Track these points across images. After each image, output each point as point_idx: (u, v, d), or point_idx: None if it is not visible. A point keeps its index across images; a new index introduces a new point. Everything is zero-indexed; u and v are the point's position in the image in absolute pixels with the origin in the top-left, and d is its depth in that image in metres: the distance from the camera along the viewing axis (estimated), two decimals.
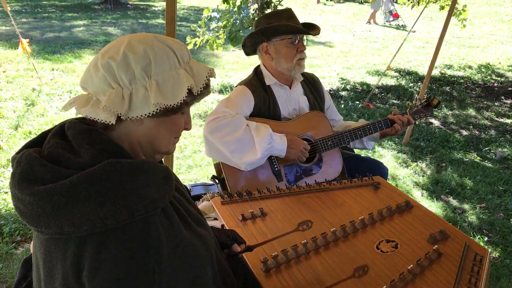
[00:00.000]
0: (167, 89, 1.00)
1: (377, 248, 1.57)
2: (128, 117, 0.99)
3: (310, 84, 2.54)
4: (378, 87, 7.01)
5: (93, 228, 0.89)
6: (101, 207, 0.89)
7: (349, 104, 6.21)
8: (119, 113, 0.98)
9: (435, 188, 3.97)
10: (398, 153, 4.67)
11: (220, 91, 6.42)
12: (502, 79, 8.13)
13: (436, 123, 5.74)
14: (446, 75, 8.19)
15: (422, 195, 3.85)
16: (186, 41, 5.12)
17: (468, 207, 3.67)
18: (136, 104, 0.99)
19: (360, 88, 7.08)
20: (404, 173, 4.25)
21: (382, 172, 2.52)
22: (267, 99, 2.35)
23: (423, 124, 5.62)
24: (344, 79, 7.54)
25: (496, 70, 8.73)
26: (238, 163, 2.16)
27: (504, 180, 4.15)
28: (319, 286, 1.38)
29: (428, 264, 1.47)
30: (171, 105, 1.00)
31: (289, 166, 2.33)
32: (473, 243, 1.61)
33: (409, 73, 8.13)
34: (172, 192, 1.03)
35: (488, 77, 8.20)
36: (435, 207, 3.63)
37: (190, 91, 1.03)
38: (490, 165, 4.52)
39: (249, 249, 1.45)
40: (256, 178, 2.26)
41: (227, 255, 1.43)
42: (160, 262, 0.94)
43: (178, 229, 1.02)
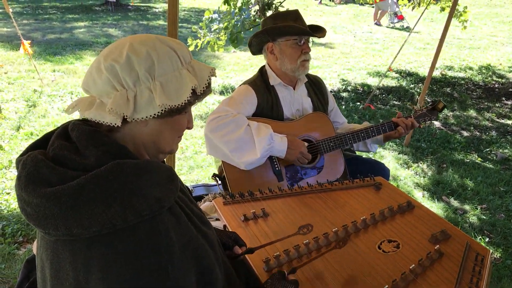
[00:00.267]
0: (171, 90, 1.01)
1: (379, 248, 1.58)
2: (134, 119, 1.00)
3: (314, 86, 2.55)
4: (379, 88, 7.01)
5: (102, 229, 0.90)
6: (109, 208, 0.89)
7: (350, 105, 6.21)
8: (125, 115, 0.98)
9: (436, 189, 3.98)
10: (399, 154, 4.67)
11: (221, 92, 6.43)
12: (503, 80, 8.14)
13: (437, 124, 5.75)
14: (447, 76, 8.19)
15: (423, 196, 3.85)
16: (188, 43, 5.13)
17: (469, 208, 3.67)
18: (141, 106, 1.00)
19: (361, 89, 7.09)
20: (405, 174, 4.25)
21: (384, 173, 2.53)
22: (271, 99, 2.36)
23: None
24: (345, 80, 7.55)
25: (497, 71, 8.73)
26: (238, 162, 2.17)
27: (505, 181, 4.16)
28: (320, 285, 1.39)
29: (430, 264, 1.48)
30: (176, 106, 1.01)
31: (290, 167, 2.34)
32: (475, 243, 1.62)
33: (410, 74, 8.14)
34: (177, 191, 1.03)
35: (489, 78, 8.20)
36: (436, 208, 3.63)
37: (194, 91, 1.04)
38: (491, 166, 4.53)
39: (250, 251, 1.46)
40: (257, 177, 2.27)
41: (228, 257, 1.44)
42: (172, 259, 0.95)
43: (186, 227, 1.03)
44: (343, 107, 6.12)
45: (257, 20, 5.01)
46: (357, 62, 8.93)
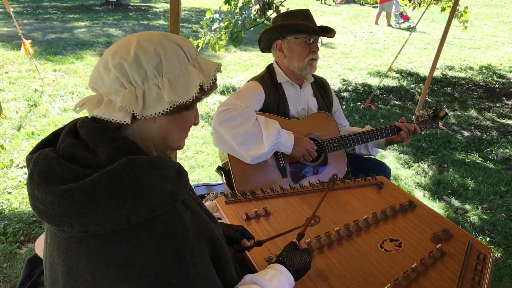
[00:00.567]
0: (179, 86, 1.02)
1: (381, 247, 1.58)
2: (143, 116, 1.01)
3: (320, 87, 2.57)
4: (380, 88, 7.02)
5: (117, 225, 0.90)
6: (123, 204, 0.90)
7: (351, 105, 6.22)
8: (134, 112, 0.99)
9: (437, 189, 3.98)
10: (400, 154, 4.68)
11: (222, 92, 6.43)
12: (504, 80, 8.14)
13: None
14: (448, 76, 8.20)
15: (424, 196, 3.85)
16: None
17: (470, 208, 3.68)
18: (150, 103, 1.00)
19: (362, 89, 7.09)
20: (406, 174, 4.26)
21: (385, 173, 2.53)
22: (277, 97, 2.37)
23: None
24: (346, 80, 7.55)
25: (498, 71, 8.73)
26: (244, 155, 2.17)
27: (506, 181, 4.16)
28: (323, 284, 1.39)
29: (432, 263, 1.48)
30: (184, 102, 1.02)
31: (294, 164, 2.34)
32: (477, 242, 1.62)
33: (411, 74, 8.14)
34: (188, 186, 1.05)
35: (490, 78, 8.21)
36: (437, 208, 3.63)
37: (201, 87, 1.05)
38: (492, 166, 4.53)
39: (259, 244, 1.46)
40: (262, 172, 2.28)
41: (236, 250, 1.45)
42: (190, 248, 0.96)
43: (200, 218, 1.05)
44: (344, 107, 6.12)
45: (258, 20, 5.02)
46: (358, 62, 8.94)
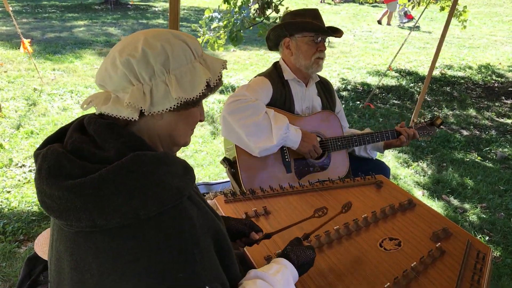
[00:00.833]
0: (186, 83, 1.03)
1: (380, 246, 1.59)
2: (150, 112, 1.02)
3: (324, 87, 2.59)
4: (379, 87, 7.02)
5: (125, 220, 0.91)
6: (132, 199, 0.91)
7: (350, 104, 6.22)
8: (142, 109, 1.00)
9: (436, 188, 3.98)
10: (399, 153, 4.68)
11: (221, 91, 6.43)
12: (502, 80, 8.15)
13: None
14: (447, 76, 8.20)
15: (423, 195, 3.86)
16: None
17: (469, 207, 3.68)
18: (158, 100, 1.01)
19: (361, 88, 7.10)
20: (405, 173, 4.26)
21: (385, 172, 2.54)
22: (284, 93, 2.39)
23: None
24: (345, 80, 7.55)
25: (496, 71, 8.74)
26: (253, 147, 2.17)
27: (505, 180, 4.16)
28: (323, 283, 1.39)
29: (431, 262, 1.49)
30: (191, 98, 1.03)
31: (299, 160, 2.36)
32: (476, 241, 1.62)
33: (410, 74, 8.14)
34: (194, 182, 1.06)
35: (489, 78, 8.21)
36: (436, 207, 3.63)
37: (207, 84, 1.06)
38: (491, 165, 4.53)
39: (267, 237, 1.47)
40: (267, 166, 2.30)
41: (245, 243, 1.46)
42: (198, 243, 0.97)
43: (207, 214, 1.06)
44: (343, 106, 6.12)
45: (257, 19, 5.01)
46: (357, 61, 8.94)
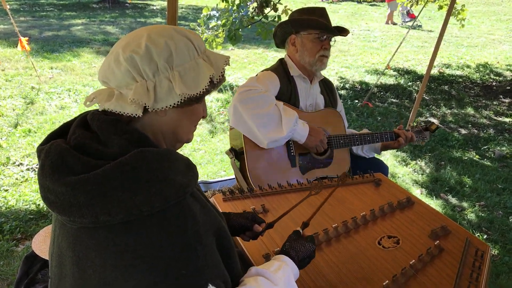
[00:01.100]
0: (189, 79, 1.03)
1: (379, 244, 1.58)
2: (154, 109, 1.01)
3: (327, 86, 2.62)
4: (377, 86, 7.02)
5: (129, 216, 0.90)
6: (135, 195, 0.90)
7: (348, 103, 6.22)
8: (146, 105, 1.00)
9: (434, 186, 3.99)
10: (397, 152, 4.68)
11: (220, 90, 6.42)
12: (500, 78, 8.16)
13: (435, 122, 5.76)
14: (445, 74, 8.21)
15: (422, 193, 3.86)
16: None
17: (467, 205, 3.68)
18: (161, 96, 1.01)
19: (359, 87, 7.10)
20: (404, 171, 4.26)
21: (383, 170, 2.55)
22: (290, 89, 2.40)
23: (423, 124, 5.63)
24: (343, 78, 7.56)
25: (494, 69, 8.75)
26: (262, 138, 2.17)
27: (503, 178, 4.17)
28: (321, 281, 1.39)
29: (430, 260, 1.49)
30: (195, 94, 1.03)
31: (303, 155, 2.37)
32: (474, 239, 1.62)
33: (408, 72, 8.15)
34: (197, 179, 1.06)
35: (487, 76, 8.22)
36: (434, 205, 3.64)
37: (211, 80, 1.06)
38: (489, 164, 4.54)
39: (270, 226, 1.46)
40: (273, 159, 2.30)
41: (250, 237, 1.45)
42: (201, 239, 0.97)
43: (209, 211, 1.06)
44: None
45: (255, 18, 5.00)
46: (355, 60, 8.94)
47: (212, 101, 5.82)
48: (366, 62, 8.82)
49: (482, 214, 3.54)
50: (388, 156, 4.55)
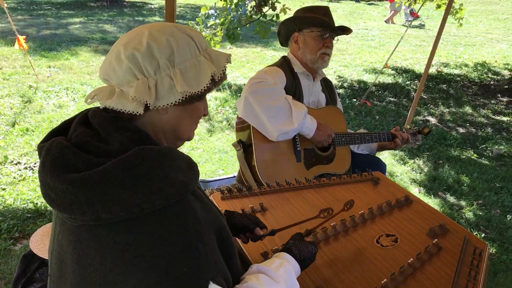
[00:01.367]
0: (191, 77, 1.02)
1: (377, 242, 1.58)
2: (155, 107, 1.01)
3: (328, 85, 2.64)
4: (375, 85, 7.03)
5: (130, 214, 0.90)
6: (136, 193, 0.90)
7: (346, 102, 6.22)
8: (148, 103, 0.99)
9: (432, 185, 3.99)
10: (395, 150, 4.69)
11: (218, 89, 6.42)
12: (498, 77, 8.17)
13: (433, 121, 5.77)
14: (443, 73, 8.22)
15: (420, 192, 3.86)
16: None
17: (465, 204, 3.69)
18: (163, 94, 1.01)
19: (357, 86, 7.10)
20: (402, 170, 4.27)
21: (381, 168, 2.57)
22: (294, 85, 2.41)
23: (420, 122, 5.65)
24: (341, 77, 7.56)
25: (492, 68, 8.77)
26: (272, 130, 2.17)
27: (501, 177, 4.18)
28: (319, 280, 1.39)
29: (428, 258, 1.48)
30: (196, 92, 1.02)
31: (308, 151, 2.39)
32: (472, 237, 1.62)
33: (406, 71, 8.15)
34: (198, 177, 1.05)
35: (484, 75, 8.23)
36: (432, 204, 3.64)
37: (212, 77, 1.05)
38: (487, 163, 4.55)
39: (272, 233, 1.46)
40: (280, 152, 2.32)
41: (249, 238, 1.45)
42: (202, 237, 0.97)
43: (210, 209, 1.05)
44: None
45: (254, 17, 5.00)
46: (353, 59, 8.94)
47: (211, 100, 5.81)
48: (364, 61, 8.82)
49: (480, 213, 3.55)
50: (386, 155, 4.55)
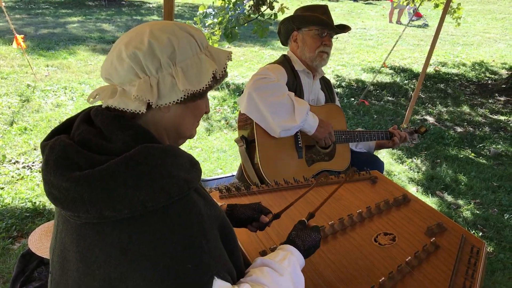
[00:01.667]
0: (192, 75, 1.03)
1: (375, 241, 1.59)
2: (157, 105, 1.01)
3: (326, 84, 2.65)
4: (373, 84, 7.03)
5: (133, 212, 0.91)
6: (139, 191, 0.90)
7: (344, 101, 6.23)
8: (150, 102, 0.99)
9: (430, 184, 4.00)
10: (393, 149, 4.70)
11: (216, 88, 6.42)
12: (496, 77, 8.19)
13: (431, 120, 5.78)
14: (441, 73, 8.23)
15: (417, 191, 3.87)
16: None
17: (463, 203, 3.70)
18: (164, 92, 1.01)
19: (355, 85, 7.11)
20: (399, 169, 4.28)
21: (379, 166, 2.57)
22: (295, 83, 2.42)
23: (418, 121, 5.66)
24: (339, 76, 7.57)
25: (490, 68, 8.79)
26: (275, 126, 2.18)
27: (498, 176, 4.19)
28: (318, 278, 1.40)
29: (426, 257, 1.49)
30: (198, 90, 1.03)
31: (309, 148, 2.40)
32: (470, 236, 1.63)
33: (404, 70, 8.16)
34: (201, 175, 1.06)
35: (482, 75, 8.25)
36: (430, 203, 3.65)
37: (214, 75, 1.06)
38: (484, 162, 4.56)
39: (277, 217, 1.47)
40: (282, 148, 2.33)
41: (256, 228, 1.46)
42: (206, 234, 0.97)
43: (213, 205, 1.06)
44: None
45: (252, 16, 5.00)
46: (351, 58, 8.95)
47: (209, 99, 5.81)
48: (362, 60, 8.83)
49: (478, 212, 3.56)
50: (384, 154, 4.56)
